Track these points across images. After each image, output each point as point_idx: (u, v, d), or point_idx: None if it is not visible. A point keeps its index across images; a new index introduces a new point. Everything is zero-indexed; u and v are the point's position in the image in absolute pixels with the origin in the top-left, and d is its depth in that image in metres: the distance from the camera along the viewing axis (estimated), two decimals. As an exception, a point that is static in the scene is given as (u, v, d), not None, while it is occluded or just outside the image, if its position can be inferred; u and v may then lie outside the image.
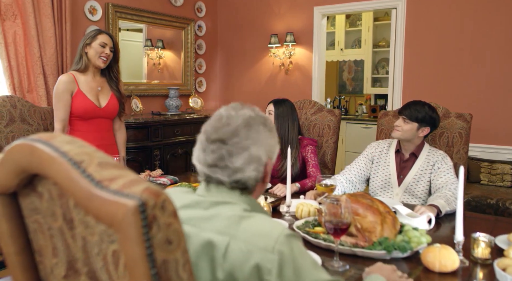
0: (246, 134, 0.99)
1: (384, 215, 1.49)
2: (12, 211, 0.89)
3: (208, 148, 0.99)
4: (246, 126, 1.00)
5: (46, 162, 0.69)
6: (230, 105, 1.05)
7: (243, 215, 0.96)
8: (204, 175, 1.02)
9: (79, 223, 0.77)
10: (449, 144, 2.42)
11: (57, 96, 2.47)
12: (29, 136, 0.75)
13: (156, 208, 0.61)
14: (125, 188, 0.63)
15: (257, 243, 0.91)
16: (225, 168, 0.99)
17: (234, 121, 0.99)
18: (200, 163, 1.01)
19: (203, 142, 1.00)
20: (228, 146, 0.98)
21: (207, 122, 1.03)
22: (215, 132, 0.99)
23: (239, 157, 0.98)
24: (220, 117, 1.01)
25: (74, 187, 0.66)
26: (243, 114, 1.02)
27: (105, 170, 0.67)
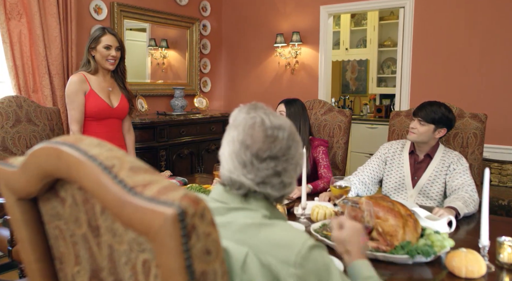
0: (295, 148, 0.97)
1: (406, 218, 1.45)
2: (32, 217, 0.86)
3: (257, 165, 0.94)
4: (292, 139, 0.97)
5: (74, 166, 0.65)
6: (257, 109, 0.99)
7: (263, 222, 0.92)
8: (244, 189, 0.96)
9: (106, 231, 0.73)
10: (464, 144, 2.39)
11: (70, 97, 2.43)
12: (53, 139, 0.72)
13: (196, 216, 0.57)
14: (161, 195, 0.59)
15: (277, 255, 0.86)
16: (279, 184, 0.95)
17: (280, 134, 0.95)
18: (240, 178, 0.95)
19: (248, 157, 0.94)
20: (282, 162, 0.95)
21: (245, 133, 0.95)
22: (268, 150, 0.94)
23: (292, 172, 0.97)
24: (264, 129, 0.95)
25: (105, 193, 0.63)
26: (285, 125, 0.98)
27: (137, 175, 0.63)
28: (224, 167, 0.97)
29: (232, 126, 0.99)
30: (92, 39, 2.46)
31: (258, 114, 0.97)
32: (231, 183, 0.96)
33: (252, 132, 0.95)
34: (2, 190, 0.85)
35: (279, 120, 0.97)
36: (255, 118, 0.96)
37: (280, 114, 1.01)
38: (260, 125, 0.95)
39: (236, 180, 0.95)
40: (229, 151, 0.96)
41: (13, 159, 0.85)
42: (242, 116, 0.98)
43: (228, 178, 0.97)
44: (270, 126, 0.95)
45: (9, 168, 0.82)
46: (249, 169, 0.94)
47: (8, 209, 0.85)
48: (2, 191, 0.85)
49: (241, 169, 0.94)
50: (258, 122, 0.96)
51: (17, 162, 0.83)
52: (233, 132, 0.97)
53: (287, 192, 0.99)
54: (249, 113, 0.98)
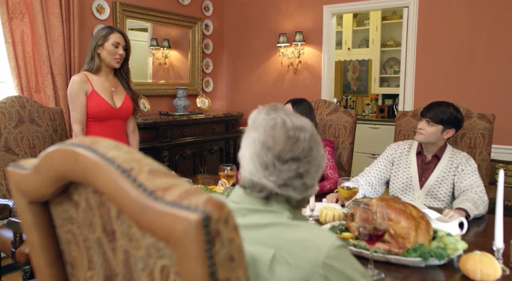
0: (316, 150, 0.96)
1: (418, 220, 1.43)
2: (43, 220, 0.83)
3: (279, 167, 0.92)
4: (314, 141, 0.96)
5: (91, 169, 0.63)
6: (277, 110, 0.97)
7: (288, 223, 0.91)
8: (266, 192, 0.94)
9: (121, 235, 0.71)
10: (472, 145, 2.37)
11: (72, 97, 2.41)
12: (68, 141, 0.69)
13: (220, 222, 0.55)
14: (183, 199, 0.57)
15: (305, 256, 0.85)
16: (301, 186, 0.94)
17: (302, 135, 0.94)
18: (261, 180, 0.93)
19: (269, 158, 0.92)
20: (304, 163, 0.93)
21: (266, 134, 0.94)
22: (290, 151, 0.92)
23: (314, 174, 0.95)
24: (286, 130, 0.93)
25: (124, 198, 0.60)
26: (306, 125, 0.96)
27: (157, 178, 0.61)
28: (245, 169, 0.95)
29: (252, 128, 0.97)
30: (100, 36, 2.43)
31: (278, 115, 0.96)
32: (252, 186, 0.94)
33: (273, 134, 0.93)
34: (13, 193, 0.83)
35: (300, 121, 0.96)
36: (275, 119, 0.95)
37: (300, 116, 0.99)
38: (281, 126, 0.94)
39: (258, 182, 0.93)
40: (250, 153, 0.95)
41: (24, 161, 0.83)
42: (262, 117, 0.96)
43: (249, 180, 0.95)
44: (292, 127, 0.94)
45: (21, 170, 0.79)
46: (271, 171, 0.92)
47: (19, 212, 0.83)
48: (13, 194, 0.83)
49: (263, 171, 0.92)
50: (279, 123, 0.94)
51: (28, 164, 0.81)
52: (253, 133, 0.95)
53: (309, 194, 0.98)
54: (269, 114, 0.97)
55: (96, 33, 2.50)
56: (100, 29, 2.53)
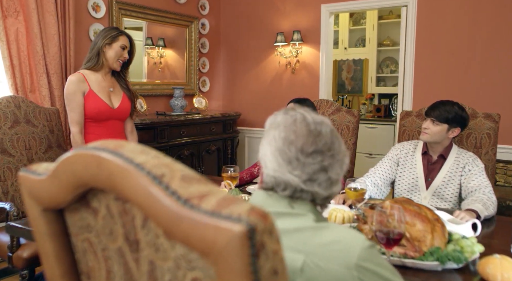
0: (338, 144, 0.94)
1: (433, 223, 1.40)
2: (57, 228, 0.79)
3: (303, 160, 0.89)
4: (335, 135, 0.94)
5: (118, 175, 0.58)
6: (295, 109, 0.96)
7: (316, 226, 0.87)
8: (291, 189, 0.91)
9: (147, 245, 0.66)
10: (477, 145, 2.35)
11: (69, 97, 2.35)
12: (89, 145, 0.65)
13: (265, 233, 0.51)
14: (222, 208, 0.52)
15: (337, 259, 0.82)
16: (326, 181, 0.91)
17: (323, 129, 0.92)
18: (285, 175, 0.90)
19: (293, 152, 0.90)
20: (328, 157, 0.91)
21: (287, 129, 0.92)
22: (314, 144, 0.90)
23: (338, 169, 0.93)
24: (307, 124, 0.91)
25: (155, 206, 0.56)
26: (326, 121, 0.95)
27: (190, 185, 0.56)
28: (268, 167, 0.92)
29: (270, 128, 0.95)
30: (109, 36, 2.38)
31: (298, 112, 0.95)
32: (276, 184, 0.91)
33: (294, 128, 0.92)
34: (25, 200, 0.78)
35: (319, 117, 0.96)
36: (295, 115, 0.94)
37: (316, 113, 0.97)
38: (301, 121, 0.93)
39: (282, 179, 0.90)
40: (272, 150, 0.92)
41: (36, 166, 0.78)
42: (280, 117, 0.95)
43: (272, 178, 0.92)
44: (312, 121, 0.93)
45: (34, 175, 0.74)
46: (295, 165, 0.90)
47: (32, 220, 0.78)
48: (26, 201, 0.78)
49: (286, 165, 0.90)
50: (299, 118, 0.93)
51: (42, 169, 0.76)
52: (273, 132, 0.93)
53: (334, 191, 0.95)
54: (287, 113, 0.96)
55: (105, 31, 2.44)
56: (108, 29, 2.47)
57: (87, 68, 2.41)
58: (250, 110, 4.84)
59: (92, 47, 2.43)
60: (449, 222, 1.60)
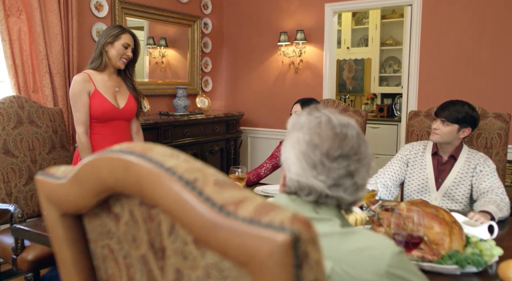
0: (365, 147, 0.90)
1: (451, 225, 1.37)
2: (76, 234, 0.75)
3: (328, 165, 0.86)
4: (361, 138, 0.91)
5: (148, 180, 0.55)
6: (319, 109, 0.92)
7: (343, 231, 0.84)
8: (315, 195, 0.87)
9: (173, 253, 0.63)
10: (488, 145, 2.32)
11: (74, 98, 2.31)
12: (114, 148, 0.61)
13: (309, 242, 0.48)
14: (261, 215, 0.49)
15: (366, 266, 0.79)
16: (352, 186, 0.87)
17: (349, 132, 0.88)
18: (310, 180, 0.87)
19: (317, 157, 0.86)
20: (354, 161, 0.87)
21: (311, 132, 0.88)
22: (339, 148, 0.86)
23: (364, 174, 0.89)
24: (332, 127, 0.87)
25: (187, 213, 0.53)
26: (352, 123, 0.91)
27: (225, 191, 0.53)
28: (291, 171, 0.89)
29: (293, 130, 0.91)
30: (111, 34, 2.35)
31: (322, 113, 0.91)
32: (300, 188, 0.88)
33: (319, 131, 0.88)
34: (42, 204, 0.75)
35: (345, 119, 0.92)
36: (320, 117, 0.90)
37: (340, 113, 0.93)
38: (326, 124, 0.89)
39: (306, 184, 0.87)
40: (296, 153, 0.89)
41: (54, 169, 0.75)
42: (304, 118, 0.91)
43: (295, 182, 0.88)
44: (338, 124, 0.89)
45: (53, 179, 0.71)
46: (320, 170, 0.86)
47: (49, 225, 0.75)
48: (43, 206, 0.75)
49: (311, 170, 0.86)
50: (324, 121, 0.89)
51: (60, 172, 0.73)
52: (296, 134, 0.90)
53: (359, 196, 0.92)
54: (312, 114, 0.92)
55: (107, 30, 2.41)
56: (111, 27, 2.44)
57: (92, 68, 2.38)
58: (253, 110, 4.81)
59: (96, 47, 2.40)
60: (465, 224, 1.58)
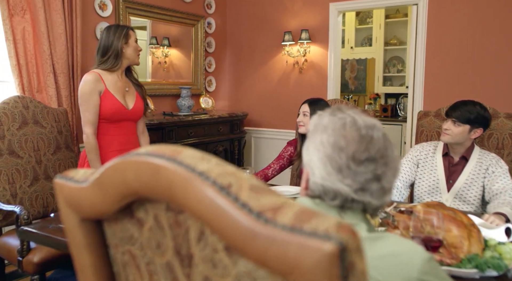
0: (391, 150, 0.87)
1: (469, 228, 1.34)
2: (96, 240, 0.73)
3: (354, 169, 0.83)
4: (388, 140, 0.87)
5: (179, 185, 0.53)
6: (343, 110, 0.89)
7: (370, 237, 0.81)
8: (341, 199, 0.84)
9: (202, 261, 0.60)
10: (499, 146, 2.29)
11: (84, 97, 2.28)
12: (140, 151, 0.59)
13: (355, 252, 0.45)
14: (303, 223, 0.47)
15: (397, 273, 0.76)
16: (379, 190, 0.84)
17: (375, 134, 0.85)
18: (335, 184, 0.84)
19: (343, 160, 0.83)
20: (381, 164, 0.84)
21: (336, 134, 0.85)
22: (366, 150, 0.83)
23: (391, 177, 0.86)
24: (358, 129, 0.84)
25: (223, 220, 0.50)
26: (378, 124, 0.88)
27: (261, 196, 0.51)
28: (315, 175, 0.86)
29: (316, 131, 0.88)
30: (122, 35, 2.35)
31: (347, 114, 0.88)
32: (324, 192, 0.85)
33: (344, 133, 0.85)
34: (61, 209, 0.72)
35: (371, 120, 0.89)
36: (344, 118, 0.87)
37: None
38: (352, 125, 0.86)
39: (331, 188, 0.84)
40: (320, 156, 0.86)
41: (73, 172, 0.72)
42: (327, 119, 0.88)
43: (320, 186, 0.85)
44: (364, 125, 0.86)
45: (73, 183, 0.69)
46: (346, 174, 0.83)
47: (68, 230, 0.72)
48: (62, 210, 0.72)
49: (336, 174, 0.83)
50: (349, 122, 0.86)
51: (80, 176, 0.70)
52: (320, 136, 0.86)
53: (386, 200, 0.89)
54: (335, 115, 0.88)
55: (116, 31, 2.38)
56: (117, 27, 2.41)
57: (103, 69, 2.35)
58: (256, 110, 4.78)
59: (105, 49, 2.36)
60: (481, 227, 1.55)
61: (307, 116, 2.44)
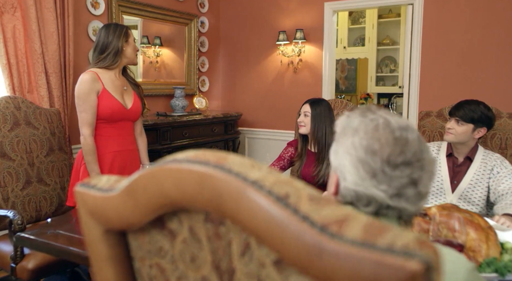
0: (427, 152, 0.81)
1: (487, 231, 1.31)
2: (120, 252, 0.67)
3: (390, 174, 0.78)
4: (423, 143, 0.82)
5: (229, 195, 0.48)
6: (374, 111, 0.84)
7: None
8: (375, 205, 0.80)
9: (245, 276, 0.55)
10: (502, 146, 2.28)
11: (82, 97, 2.21)
12: (178, 157, 0.53)
13: (439, 271, 0.40)
14: (375, 237, 0.42)
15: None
16: (415, 195, 0.79)
17: (410, 136, 0.80)
18: (369, 190, 0.79)
19: (378, 164, 0.78)
20: (417, 168, 0.79)
21: (368, 137, 0.80)
22: (402, 154, 0.78)
23: (427, 181, 0.80)
24: (391, 131, 0.79)
25: (281, 234, 0.45)
26: (411, 125, 0.82)
27: (322, 208, 0.46)
28: (347, 180, 0.81)
29: (346, 134, 0.83)
30: (122, 34, 2.29)
31: (378, 115, 0.82)
32: (357, 198, 0.80)
33: (378, 136, 0.79)
34: (83, 220, 0.66)
35: (404, 121, 0.83)
36: (376, 120, 0.81)
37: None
38: (385, 127, 0.80)
39: (364, 194, 0.79)
40: (352, 160, 0.80)
41: (95, 180, 0.66)
42: (358, 120, 0.83)
43: (352, 192, 0.80)
44: (398, 127, 0.80)
45: (97, 192, 0.63)
46: (381, 179, 0.78)
47: (90, 242, 0.67)
48: (83, 221, 0.66)
49: (370, 179, 0.78)
50: (381, 124, 0.80)
51: (103, 183, 0.65)
52: (351, 138, 0.81)
53: (421, 205, 0.84)
54: (366, 116, 0.83)
55: (115, 29, 2.31)
56: (116, 26, 2.34)
57: (100, 67, 2.28)
58: (250, 110, 4.73)
59: (104, 47, 2.29)
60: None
61: (308, 117, 2.40)
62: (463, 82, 3.66)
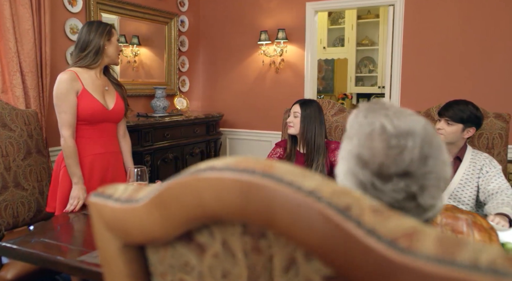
0: (434, 158, 0.70)
1: (489, 232, 1.31)
2: (138, 267, 0.62)
3: (381, 187, 0.69)
4: (429, 145, 0.70)
5: (281, 207, 0.43)
6: (376, 110, 0.74)
7: None
8: None
9: (289, 293, 0.51)
10: (489, 145, 2.31)
11: (60, 97, 2.10)
12: (217, 165, 0.48)
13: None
14: (451, 253, 0.38)
15: None
16: (415, 209, 0.70)
17: (410, 142, 0.69)
18: None
19: (366, 177, 0.70)
20: (417, 179, 0.69)
21: (360, 145, 0.71)
22: (394, 165, 0.68)
23: (433, 190, 0.70)
24: (386, 138, 0.69)
25: (344, 249, 0.41)
26: (415, 128, 0.71)
27: (386, 220, 0.42)
28: None
29: (347, 136, 0.76)
30: (105, 32, 2.19)
31: (377, 118, 0.72)
32: None
33: (370, 144, 0.70)
34: (98, 233, 0.60)
35: (407, 123, 0.71)
36: (373, 124, 0.72)
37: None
38: (380, 134, 0.70)
39: None
40: (344, 170, 0.73)
41: (111, 189, 0.60)
42: (359, 121, 0.74)
43: None
44: (394, 133, 0.70)
45: (116, 203, 0.57)
46: (371, 193, 0.70)
47: (105, 258, 0.61)
48: (100, 234, 0.60)
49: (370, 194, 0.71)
50: (377, 129, 0.71)
51: (120, 193, 0.59)
52: (347, 145, 0.74)
53: (429, 216, 0.74)
54: (367, 117, 0.74)
55: (98, 27, 2.22)
56: (99, 24, 2.25)
57: (79, 66, 2.18)
58: (232, 110, 4.68)
59: (85, 44, 2.19)
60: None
61: (297, 118, 2.36)
62: (445, 82, 3.71)
